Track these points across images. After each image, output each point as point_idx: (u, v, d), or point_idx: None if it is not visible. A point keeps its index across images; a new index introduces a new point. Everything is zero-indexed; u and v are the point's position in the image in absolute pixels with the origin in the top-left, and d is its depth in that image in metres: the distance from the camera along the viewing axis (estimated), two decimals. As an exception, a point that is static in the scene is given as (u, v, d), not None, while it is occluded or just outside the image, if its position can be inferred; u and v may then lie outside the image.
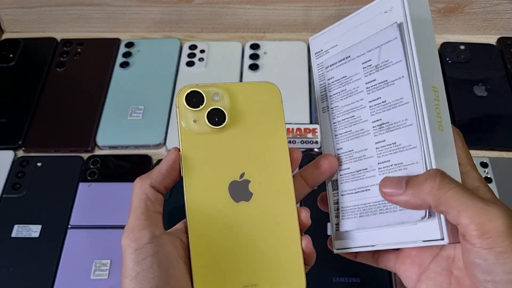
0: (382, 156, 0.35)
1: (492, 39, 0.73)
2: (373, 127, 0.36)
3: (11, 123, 0.66)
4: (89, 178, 0.61)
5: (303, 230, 0.36)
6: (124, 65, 0.71)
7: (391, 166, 0.35)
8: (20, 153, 0.64)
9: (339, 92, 0.39)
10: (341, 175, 0.39)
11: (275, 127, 0.36)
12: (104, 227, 0.57)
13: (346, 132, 0.38)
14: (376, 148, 0.36)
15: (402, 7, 0.35)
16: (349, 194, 0.38)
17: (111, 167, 0.62)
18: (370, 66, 0.36)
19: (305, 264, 0.35)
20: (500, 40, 0.72)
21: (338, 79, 0.39)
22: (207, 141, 0.35)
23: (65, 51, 0.73)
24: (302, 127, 0.63)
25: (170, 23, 0.75)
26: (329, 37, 0.40)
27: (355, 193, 0.37)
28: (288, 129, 0.62)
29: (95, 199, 0.59)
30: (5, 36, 0.77)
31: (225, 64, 0.71)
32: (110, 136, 0.64)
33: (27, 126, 0.65)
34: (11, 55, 0.73)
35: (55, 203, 0.59)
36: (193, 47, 0.73)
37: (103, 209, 0.58)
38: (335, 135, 0.39)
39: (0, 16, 0.75)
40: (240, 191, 0.35)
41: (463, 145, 0.36)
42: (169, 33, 0.76)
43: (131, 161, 0.63)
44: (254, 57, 0.71)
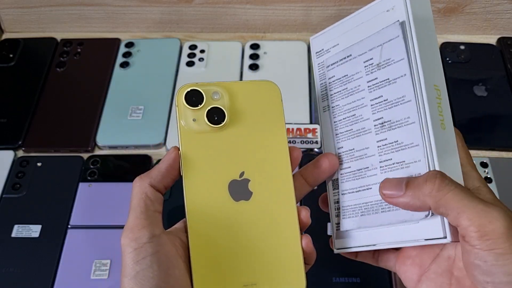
0: (384, 154, 0.35)
1: (492, 39, 0.73)
2: (374, 125, 0.36)
3: (11, 123, 0.66)
4: (89, 178, 0.61)
5: (303, 229, 0.35)
6: (124, 65, 0.71)
7: (393, 164, 0.35)
8: (20, 153, 0.64)
9: (340, 91, 0.39)
10: (341, 174, 0.38)
11: (275, 126, 0.36)
12: (104, 227, 0.57)
13: (347, 131, 0.38)
14: (378, 146, 0.36)
15: (404, 5, 0.35)
16: (350, 193, 0.37)
17: (111, 167, 0.62)
18: (371, 64, 0.36)
19: (305, 263, 0.35)
20: (500, 40, 0.72)
21: (339, 78, 0.39)
22: (206, 140, 0.35)
23: (65, 51, 0.73)
24: (302, 127, 0.63)
25: (170, 23, 0.75)
26: (330, 36, 0.40)
27: (356, 192, 0.37)
28: (288, 129, 0.62)
29: (95, 199, 0.59)
30: (5, 36, 0.77)
31: (225, 64, 0.71)
32: (110, 136, 0.64)
33: (27, 126, 0.65)
34: (11, 55, 0.73)
35: (55, 203, 0.59)
36: (193, 47, 0.73)
37: (103, 209, 0.58)
38: (336, 134, 0.39)
39: (0, 16, 0.75)
40: (240, 190, 0.35)
41: (463, 145, 0.36)
42: (169, 33, 0.76)
43: (131, 161, 0.62)
44: (254, 57, 0.71)
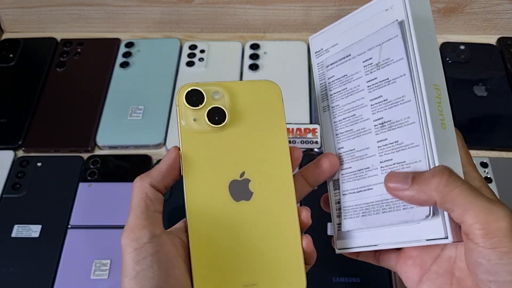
0: (385, 154, 0.35)
1: (492, 39, 0.73)
2: (374, 125, 0.36)
3: (11, 123, 0.66)
4: (89, 178, 0.61)
5: (303, 230, 0.35)
6: (124, 65, 0.71)
7: (393, 164, 0.35)
8: (20, 153, 0.64)
9: (339, 91, 0.38)
10: (342, 174, 0.38)
11: (275, 126, 0.36)
12: (104, 227, 0.57)
13: (347, 131, 0.38)
14: (378, 146, 0.36)
15: (403, 5, 0.34)
16: (350, 193, 0.37)
17: (111, 167, 0.62)
18: (371, 64, 0.36)
19: (306, 263, 0.35)
20: (500, 40, 0.72)
21: (339, 78, 0.38)
22: (207, 140, 0.35)
23: (65, 51, 0.73)
24: (302, 127, 0.63)
25: (170, 23, 0.75)
26: (329, 36, 0.40)
27: (357, 192, 0.37)
28: (288, 129, 0.62)
29: (95, 199, 0.59)
30: (5, 36, 0.77)
31: (225, 64, 0.71)
32: (110, 136, 0.64)
33: (27, 126, 0.65)
34: (11, 55, 0.73)
35: (55, 203, 0.59)
36: (193, 47, 0.73)
37: (103, 209, 0.58)
38: (336, 134, 0.39)
39: (0, 16, 0.75)
40: (240, 190, 0.35)
41: (463, 145, 0.36)
42: (169, 33, 0.76)
43: (131, 161, 0.62)
44: (254, 57, 0.71)
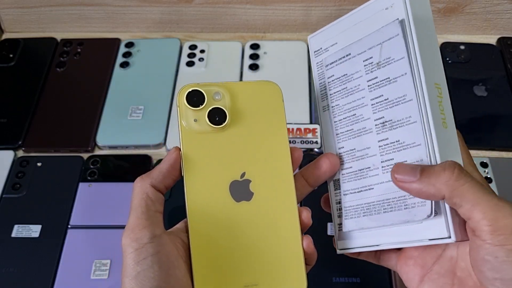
0: (386, 154, 0.35)
1: (492, 39, 0.73)
2: (375, 125, 0.36)
3: (11, 123, 0.66)
4: (89, 178, 0.61)
5: (304, 230, 0.35)
6: (124, 65, 0.71)
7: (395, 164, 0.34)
8: (20, 153, 0.64)
9: (339, 91, 0.38)
10: (343, 174, 0.38)
11: (276, 126, 0.36)
12: (104, 227, 0.57)
13: (347, 131, 0.38)
14: (379, 146, 0.35)
15: (404, 3, 0.34)
16: (351, 193, 0.37)
17: (111, 167, 0.62)
18: (371, 63, 0.36)
19: (306, 264, 0.35)
20: (500, 40, 0.72)
21: (339, 77, 0.38)
22: (208, 140, 0.35)
23: (65, 51, 0.73)
24: (302, 127, 0.63)
25: (170, 23, 0.75)
26: (328, 35, 0.40)
27: (358, 192, 0.37)
28: (288, 129, 0.62)
29: (95, 199, 0.59)
30: (5, 36, 0.77)
31: (225, 64, 0.71)
32: (110, 136, 0.64)
33: (27, 126, 0.65)
34: (11, 55, 0.73)
35: (55, 203, 0.59)
36: (193, 47, 0.73)
37: (103, 209, 0.58)
38: (336, 134, 0.39)
39: (0, 16, 0.75)
40: (241, 190, 0.35)
41: (463, 145, 0.36)
42: (169, 33, 0.76)
43: (131, 161, 0.62)
44: (254, 57, 0.71)
